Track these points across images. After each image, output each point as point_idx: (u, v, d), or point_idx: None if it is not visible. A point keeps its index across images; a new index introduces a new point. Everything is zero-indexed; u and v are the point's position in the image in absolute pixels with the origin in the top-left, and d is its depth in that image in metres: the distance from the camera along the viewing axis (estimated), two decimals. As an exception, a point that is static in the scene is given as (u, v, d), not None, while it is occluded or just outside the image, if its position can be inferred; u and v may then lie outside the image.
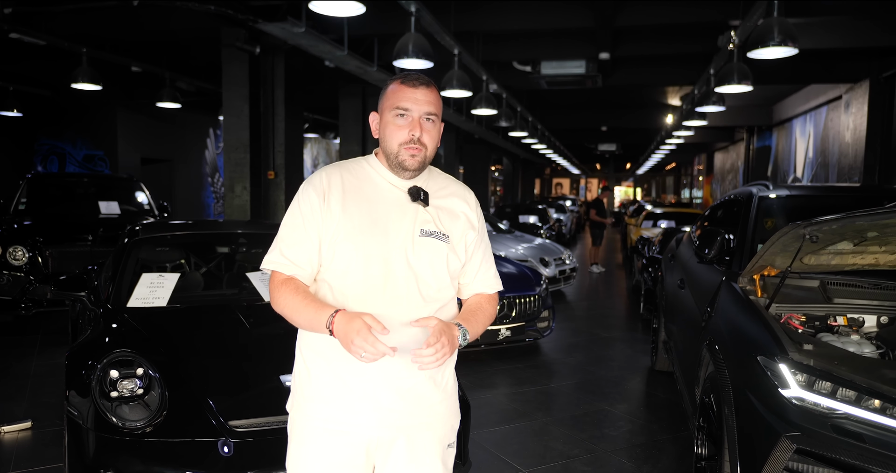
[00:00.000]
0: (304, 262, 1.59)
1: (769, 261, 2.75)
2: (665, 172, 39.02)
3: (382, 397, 1.57)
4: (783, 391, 2.13)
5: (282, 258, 1.59)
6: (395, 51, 5.36)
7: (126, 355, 2.60)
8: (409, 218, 1.61)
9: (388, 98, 1.61)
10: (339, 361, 1.56)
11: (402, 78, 1.62)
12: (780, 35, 4.54)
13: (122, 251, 3.76)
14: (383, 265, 1.56)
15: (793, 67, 9.38)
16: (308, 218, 1.58)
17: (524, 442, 3.75)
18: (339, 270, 1.57)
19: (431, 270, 1.61)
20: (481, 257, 1.75)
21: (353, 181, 1.63)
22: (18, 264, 6.21)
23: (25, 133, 11.56)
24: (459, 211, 1.70)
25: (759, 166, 16.34)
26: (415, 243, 1.59)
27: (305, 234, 1.58)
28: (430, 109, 1.59)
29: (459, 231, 1.67)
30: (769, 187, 3.65)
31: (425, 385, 1.61)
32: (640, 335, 6.71)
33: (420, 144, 1.58)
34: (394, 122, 1.58)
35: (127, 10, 6.63)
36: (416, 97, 1.58)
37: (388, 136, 1.60)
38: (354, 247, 1.56)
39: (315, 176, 1.64)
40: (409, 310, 1.57)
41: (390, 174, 1.64)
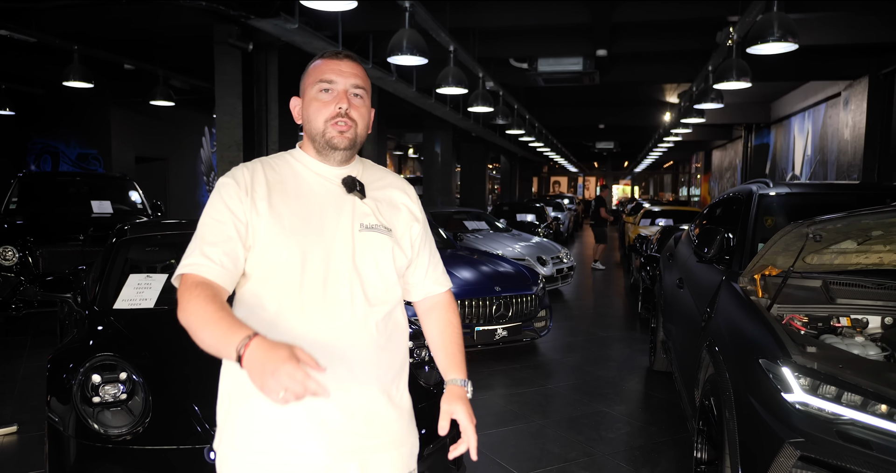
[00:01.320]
0: (229, 263, 1.33)
1: (771, 260, 2.68)
2: (663, 170, 38.99)
3: (330, 418, 1.35)
4: (786, 395, 2.06)
5: (204, 259, 1.31)
6: (389, 47, 5.28)
7: (109, 359, 2.52)
8: (347, 212, 1.43)
9: (310, 75, 1.45)
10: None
11: (322, 54, 1.48)
12: (779, 30, 4.47)
13: (109, 251, 3.68)
14: (322, 267, 1.37)
15: (792, 64, 9.32)
16: (233, 213, 1.36)
17: (520, 445, 3.68)
18: (271, 278, 1.36)
19: (377, 268, 1.44)
20: (429, 253, 1.60)
21: (277, 177, 1.44)
22: (9, 264, 6.14)
23: (18, 132, 11.46)
24: (400, 203, 1.54)
25: (758, 164, 16.29)
26: (355, 240, 1.42)
27: (233, 230, 1.35)
28: (358, 82, 1.43)
29: (403, 224, 1.52)
30: (769, 185, 3.58)
31: (379, 402, 1.42)
32: (638, 334, 6.65)
33: (349, 118, 1.42)
34: (317, 97, 1.42)
35: (118, 7, 6.55)
36: (341, 69, 1.42)
37: (312, 114, 1.43)
38: (288, 250, 1.36)
39: (235, 170, 1.44)
40: (354, 316, 1.39)
41: (319, 165, 1.46)
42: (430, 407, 2.82)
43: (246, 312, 1.39)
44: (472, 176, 19.54)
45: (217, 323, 1.19)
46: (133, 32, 7.59)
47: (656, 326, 5.04)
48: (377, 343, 1.42)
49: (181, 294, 1.27)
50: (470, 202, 18.39)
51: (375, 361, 1.42)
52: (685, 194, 29.75)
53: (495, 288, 5.40)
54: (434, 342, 1.59)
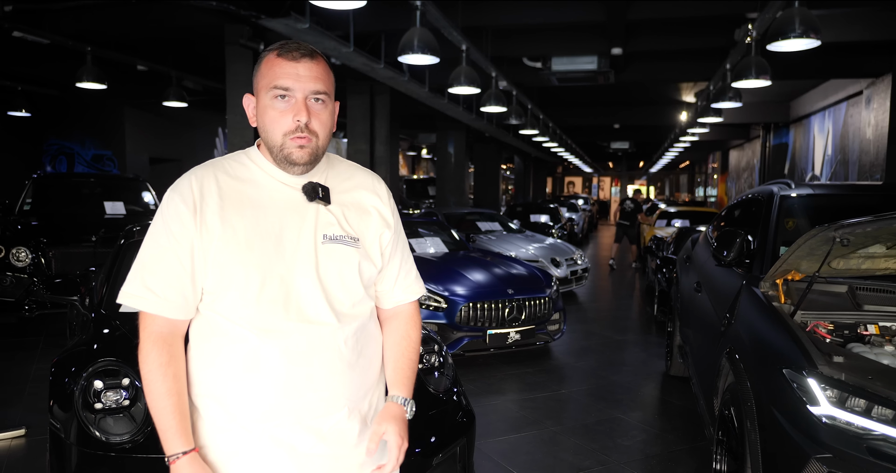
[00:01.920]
0: (174, 294, 1.26)
1: (794, 265, 2.57)
2: (679, 170, 38.61)
3: (300, 442, 1.29)
4: (812, 408, 1.96)
5: (145, 291, 1.25)
6: (399, 46, 5.21)
7: (111, 364, 2.47)
8: (309, 223, 1.31)
9: (262, 76, 1.28)
10: (243, 407, 1.28)
11: (278, 48, 1.29)
12: (801, 26, 4.34)
13: (118, 253, 3.64)
14: (282, 285, 1.27)
15: (812, 61, 9.13)
16: (177, 237, 1.25)
17: (533, 453, 3.59)
18: (229, 298, 1.27)
19: (342, 282, 1.33)
20: (400, 259, 1.48)
21: (232, 184, 1.31)
22: (22, 265, 6.15)
23: (34, 133, 11.56)
24: (370, 206, 1.41)
25: (776, 164, 16.04)
26: (318, 253, 1.31)
27: (175, 258, 1.25)
28: (318, 87, 1.27)
29: (373, 231, 1.40)
30: (791, 186, 3.47)
31: (350, 422, 1.35)
32: (653, 338, 6.53)
33: (309, 131, 1.27)
34: (273, 105, 1.26)
35: (130, 8, 6.55)
36: (299, 73, 1.26)
37: (267, 124, 1.28)
38: (243, 267, 1.25)
39: (182, 181, 1.30)
40: (322, 335, 1.29)
41: (278, 171, 1.33)
42: (441, 414, 2.75)
43: (207, 331, 1.31)
44: (486, 176, 19.44)
45: (163, 415, 1.24)
46: (145, 32, 7.60)
47: (673, 330, 4.92)
48: (347, 361, 1.34)
49: (142, 340, 1.28)
50: (483, 203, 18.30)
51: (345, 380, 1.34)
52: (701, 195, 29.43)
53: (508, 291, 5.31)
54: (387, 354, 1.49)
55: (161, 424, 1.25)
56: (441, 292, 5.13)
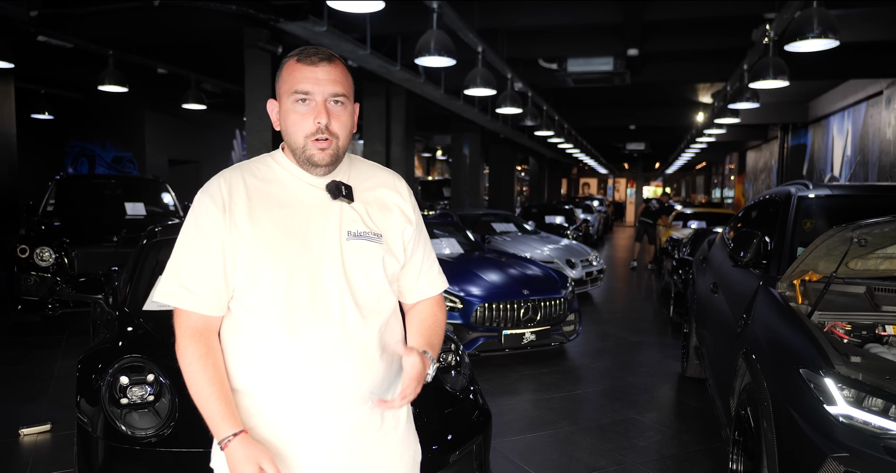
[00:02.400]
0: (206, 291, 1.30)
1: (811, 265, 2.57)
2: (695, 171, 38.32)
3: (326, 435, 1.33)
4: (829, 407, 1.96)
5: (180, 289, 1.30)
6: (416, 48, 5.26)
7: (137, 360, 2.54)
8: (333, 220, 1.36)
9: (284, 81, 1.34)
10: (273, 399, 1.33)
11: (298, 54, 1.34)
12: (819, 26, 4.32)
13: (140, 253, 3.72)
14: (308, 281, 1.31)
15: (831, 62, 9.05)
16: (208, 236, 1.30)
17: (548, 453, 3.61)
18: (257, 294, 1.31)
19: (367, 277, 1.37)
20: (422, 255, 1.51)
21: (259, 184, 1.36)
22: (45, 265, 6.27)
23: (56, 135, 11.76)
24: (392, 203, 1.45)
25: (794, 165, 15.87)
26: (343, 249, 1.35)
27: (207, 256, 1.30)
28: (337, 90, 1.32)
29: (395, 227, 1.43)
30: (809, 187, 3.46)
31: (374, 415, 1.40)
32: (669, 339, 6.51)
33: (329, 133, 1.32)
34: (294, 109, 1.32)
35: (151, 12, 6.65)
36: (318, 77, 1.31)
37: (290, 127, 1.33)
38: (271, 264, 1.30)
39: (212, 183, 1.36)
40: (346, 330, 1.34)
41: (302, 171, 1.38)
42: (457, 413, 2.78)
43: (236, 327, 1.36)
44: (501, 178, 19.45)
45: (208, 402, 1.28)
46: (166, 36, 7.71)
47: (689, 331, 4.91)
48: (372, 356, 1.37)
49: (177, 335, 1.33)
50: (498, 204, 18.31)
51: (370, 374, 1.37)
52: (718, 197, 29.19)
53: (523, 291, 5.33)
54: (411, 328, 1.51)
55: (208, 411, 1.29)
56: (457, 293, 5.17)
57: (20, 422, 3.79)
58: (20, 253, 6.25)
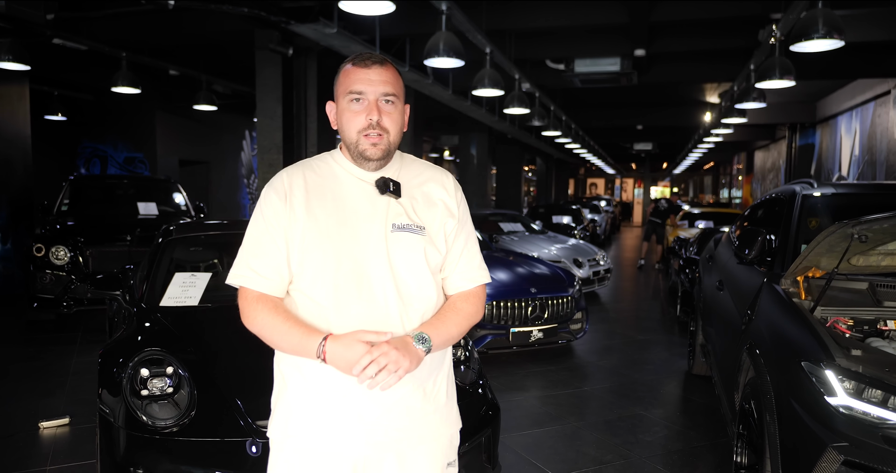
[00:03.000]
0: (272, 274, 1.46)
1: (814, 262, 2.62)
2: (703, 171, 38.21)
3: (367, 412, 1.44)
4: (829, 398, 2.02)
5: (249, 272, 1.46)
6: (425, 50, 5.33)
7: (156, 353, 2.62)
8: (380, 213, 1.47)
9: (340, 83, 1.48)
10: (317, 375, 1.45)
11: (353, 59, 1.48)
12: (824, 27, 4.36)
13: (156, 251, 3.81)
14: (354, 268, 1.43)
15: (838, 62, 9.05)
16: (272, 225, 1.46)
17: (556, 447, 3.67)
18: (309, 277, 1.44)
19: (409, 267, 1.47)
20: (462, 247, 1.58)
21: (317, 179, 1.50)
22: (60, 263, 6.38)
23: (69, 136, 11.90)
24: (437, 198, 1.55)
25: (802, 165, 15.84)
26: (388, 240, 1.46)
27: (272, 243, 1.45)
28: (388, 90, 1.45)
29: (438, 221, 1.53)
30: (813, 185, 3.50)
31: (414, 396, 1.48)
32: (676, 337, 6.55)
33: (380, 128, 1.44)
34: (349, 108, 1.45)
35: (164, 15, 6.75)
36: (370, 78, 1.44)
37: (345, 124, 1.47)
38: (322, 251, 1.43)
39: (276, 178, 1.52)
40: (389, 314, 1.44)
41: (356, 168, 1.51)
42: (466, 406, 2.84)
43: (292, 306, 1.48)
44: (508, 178, 19.49)
45: (289, 332, 1.40)
46: (178, 39, 7.81)
47: (695, 329, 4.96)
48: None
49: (244, 307, 1.47)
50: (505, 204, 18.36)
51: None
52: (726, 197, 29.12)
53: (531, 290, 5.39)
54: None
55: (292, 342, 1.40)
56: (465, 291, 5.22)
57: (40, 416, 3.89)
58: (36, 252, 6.37)
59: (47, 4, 5.73)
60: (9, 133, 8.50)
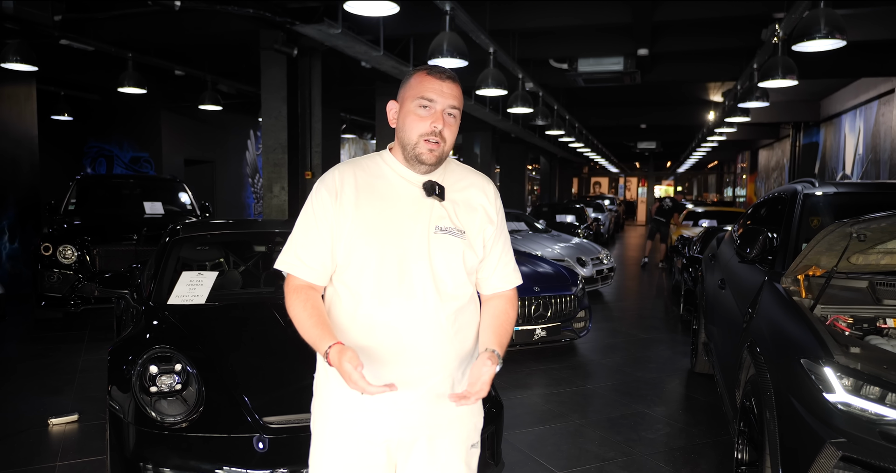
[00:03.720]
0: (317, 264, 1.57)
1: (814, 260, 2.65)
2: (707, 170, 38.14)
3: (401, 398, 1.54)
4: (828, 395, 2.05)
5: (296, 260, 1.58)
6: (429, 50, 5.35)
7: (165, 351, 2.66)
8: (424, 214, 1.57)
9: (411, 87, 1.56)
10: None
11: (427, 69, 1.58)
12: (826, 26, 4.37)
13: (163, 250, 3.85)
14: (397, 264, 1.53)
15: (841, 61, 9.04)
16: (321, 218, 1.56)
17: (558, 444, 3.70)
18: (354, 270, 1.55)
19: (448, 267, 1.58)
20: (500, 251, 1.70)
21: (367, 178, 1.59)
22: (68, 262, 6.44)
23: (76, 136, 11.96)
24: (478, 204, 1.65)
25: (806, 164, 15.82)
26: (430, 241, 1.56)
27: (318, 235, 1.56)
28: (454, 103, 1.56)
29: (477, 226, 1.63)
30: (815, 184, 3.52)
31: (443, 386, 1.59)
32: (679, 336, 6.57)
33: (440, 137, 1.55)
34: (415, 112, 1.54)
35: (169, 16, 6.80)
36: (443, 90, 1.54)
37: (407, 126, 1.56)
38: (368, 246, 1.53)
39: (328, 174, 1.61)
40: (426, 309, 1.55)
41: (405, 169, 1.60)
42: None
43: (336, 297, 1.60)
44: (512, 177, 19.51)
45: (311, 328, 1.52)
46: (185, 39, 7.85)
47: (698, 327, 4.98)
48: (446, 334, 1.57)
49: (286, 292, 1.59)
50: (509, 203, 18.33)
51: (443, 350, 1.57)
52: (730, 195, 29.06)
53: (534, 288, 5.42)
54: (484, 324, 1.68)
55: (310, 336, 1.52)
56: (469, 290, 5.26)
57: (48, 413, 3.94)
58: (43, 251, 6.43)
59: (54, 6, 5.79)
60: (16, 133, 8.57)
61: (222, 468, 2.31)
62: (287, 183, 7.34)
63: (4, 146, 8.38)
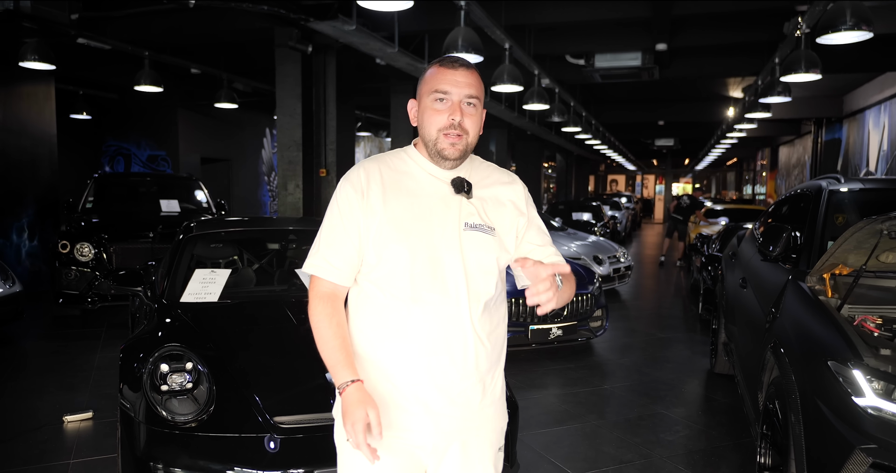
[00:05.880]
0: (343, 264, 1.53)
1: (841, 259, 2.56)
2: (726, 167, 37.66)
3: (434, 402, 1.50)
4: (857, 399, 1.96)
5: (323, 262, 1.53)
6: (444, 46, 5.30)
7: (176, 349, 2.64)
8: (454, 211, 1.52)
9: (426, 82, 1.52)
10: (391, 366, 1.51)
11: (440, 61, 1.53)
12: (852, 18, 4.25)
13: (177, 248, 3.84)
14: (430, 262, 1.49)
15: (866, 54, 8.83)
16: (347, 217, 1.52)
17: (575, 445, 3.64)
18: (385, 269, 1.50)
19: (479, 265, 1.52)
20: (536, 234, 1.61)
21: (393, 175, 1.54)
22: (85, 260, 6.48)
23: (94, 135, 12.07)
24: (506, 199, 1.60)
25: (828, 160, 15.52)
26: (461, 238, 1.51)
27: (345, 234, 1.52)
28: (471, 92, 1.49)
29: (508, 221, 1.58)
30: (840, 180, 3.42)
31: (475, 390, 1.54)
32: (698, 336, 6.46)
33: (461, 129, 1.49)
34: (432, 106, 1.50)
35: (185, 14, 6.80)
36: (457, 79, 1.48)
37: (426, 121, 1.51)
38: (399, 244, 1.48)
39: (353, 172, 1.56)
40: (459, 310, 1.50)
41: (431, 165, 1.55)
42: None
43: (364, 299, 1.54)
44: (527, 175, 19.37)
45: (331, 352, 1.48)
46: (199, 37, 7.87)
47: (717, 327, 4.88)
48: (478, 336, 1.52)
49: (312, 298, 1.54)
50: (525, 201, 18.22)
51: (477, 351, 1.52)
52: (750, 193, 28.67)
53: (550, 287, 5.34)
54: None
55: (330, 360, 1.48)
56: (484, 288, 5.20)
57: (63, 410, 3.95)
58: (61, 249, 6.48)
59: (71, 4, 5.81)
60: (35, 132, 8.65)
61: (233, 468, 2.28)
62: (302, 181, 7.33)
63: (24, 145, 8.47)
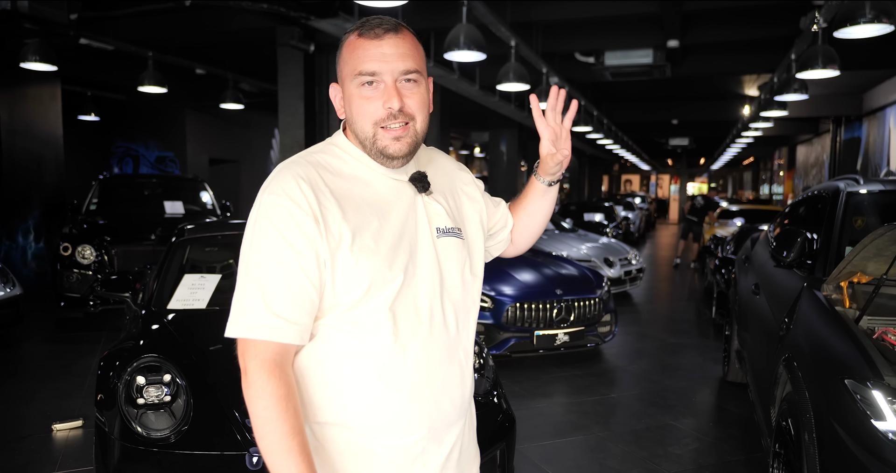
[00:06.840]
0: (305, 318, 1.08)
1: (860, 266, 2.38)
2: (742, 167, 37.17)
3: (429, 455, 1.19)
4: (877, 423, 1.80)
5: (274, 319, 1.05)
6: (446, 43, 5.17)
7: (154, 360, 2.52)
8: (422, 216, 1.19)
9: (345, 62, 1.14)
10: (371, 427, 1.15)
11: (359, 28, 1.13)
12: (872, 10, 4.05)
13: (168, 251, 3.74)
14: (410, 288, 1.14)
15: (886, 49, 8.57)
16: (300, 249, 1.06)
17: (577, 459, 3.48)
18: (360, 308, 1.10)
19: (459, 277, 1.22)
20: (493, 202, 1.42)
21: (339, 182, 1.15)
22: (87, 262, 6.43)
23: (103, 136, 12.10)
24: (459, 183, 1.33)
25: (847, 160, 15.18)
26: (437, 249, 1.19)
27: (302, 274, 1.07)
28: (408, 66, 1.12)
29: (473, 213, 1.31)
30: (859, 182, 3.24)
31: (464, 428, 1.27)
32: (711, 341, 6.27)
33: (404, 115, 1.13)
34: (359, 93, 1.12)
35: (186, 13, 6.73)
36: (384, 52, 1.10)
37: (355, 114, 1.14)
38: (379, 274, 1.10)
39: (286, 184, 1.10)
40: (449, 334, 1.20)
41: (375, 163, 1.19)
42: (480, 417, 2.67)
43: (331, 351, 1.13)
44: (539, 175, 19.16)
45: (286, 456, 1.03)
46: (202, 37, 7.80)
47: (730, 333, 4.70)
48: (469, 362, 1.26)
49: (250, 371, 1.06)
50: (536, 202, 18.05)
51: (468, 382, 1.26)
52: (766, 193, 28.24)
53: (556, 291, 5.19)
54: None
55: (287, 467, 1.03)
56: (488, 292, 5.06)
57: (54, 417, 3.86)
58: (63, 251, 6.43)
59: (70, 4, 5.75)
60: (41, 133, 8.64)
61: (210, 487, 2.16)
62: (305, 182, 7.23)
63: (30, 146, 8.46)
